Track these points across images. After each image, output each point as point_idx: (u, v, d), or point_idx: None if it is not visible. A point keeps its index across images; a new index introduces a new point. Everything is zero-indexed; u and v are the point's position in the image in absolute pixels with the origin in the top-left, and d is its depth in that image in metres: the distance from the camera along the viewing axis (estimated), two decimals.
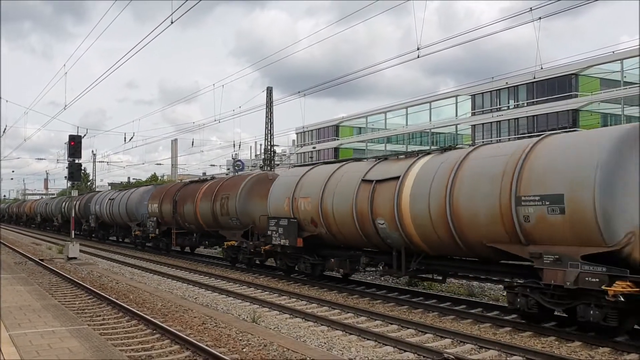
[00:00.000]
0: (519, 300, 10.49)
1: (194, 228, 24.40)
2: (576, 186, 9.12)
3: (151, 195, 28.66)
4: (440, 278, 13.89)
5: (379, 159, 14.75)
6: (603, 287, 8.73)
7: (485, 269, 12.37)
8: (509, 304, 11.01)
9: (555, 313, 10.63)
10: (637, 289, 8.49)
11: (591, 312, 9.19)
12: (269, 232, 17.31)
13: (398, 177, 12.84)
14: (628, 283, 8.57)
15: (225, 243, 21.37)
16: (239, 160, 69.00)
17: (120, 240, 36.33)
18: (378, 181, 13.47)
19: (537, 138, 10.72)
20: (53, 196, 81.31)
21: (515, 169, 10.12)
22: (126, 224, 32.14)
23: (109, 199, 34.60)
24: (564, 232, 9.38)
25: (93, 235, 39.82)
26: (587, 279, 8.98)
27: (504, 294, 13.84)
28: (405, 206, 12.47)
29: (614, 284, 8.63)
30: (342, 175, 15.11)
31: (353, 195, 14.03)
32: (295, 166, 22.58)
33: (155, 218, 27.29)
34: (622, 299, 8.59)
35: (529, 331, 10.48)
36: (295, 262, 17.33)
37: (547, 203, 9.53)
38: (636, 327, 9.64)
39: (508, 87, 55.48)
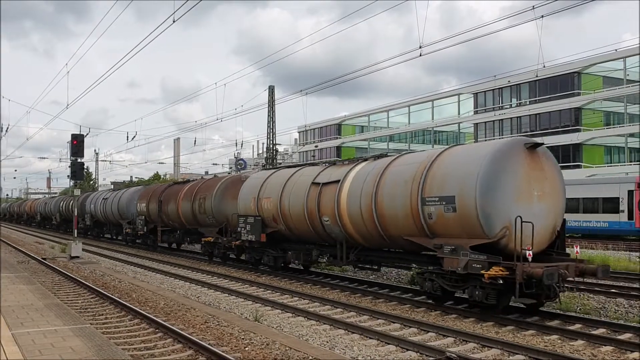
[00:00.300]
0: (426, 284, 12.61)
1: (177, 226, 26.40)
2: (463, 190, 11.22)
3: (140, 195, 30.56)
4: (376, 267, 15.75)
5: (328, 164, 17.02)
6: (482, 271, 10.70)
7: (407, 259, 14.21)
8: (420, 287, 13.27)
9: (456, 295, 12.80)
10: (507, 273, 10.53)
11: (477, 292, 11.24)
12: (239, 229, 19.30)
13: (338, 181, 15.03)
14: (500, 268, 10.62)
15: (203, 239, 23.13)
16: (241, 159, 69.04)
17: (114, 237, 37.48)
18: (324, 184, 15.61)
19: (442, 149, 12.78)
20: (55, 195, 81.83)
21: (422, 174, 12.22)
22: (118, 222, 33.84)
23: (103, 198, 36.57)
24: (457, 227, 11.48)
25: (89, 233, 41.48)
26: (473, 265, 10.95)
27: None
28: (343, 205, 14.61)
29: (491, 269, 10.62)
30: (297, 178, 17.19)
31: (305, 196, 16.14)
32: (262, 169, 25.25)
33: (143, 216, 29.26)
34: (501, 282, 10.62)
35: (531, 330, 10.48)
36: (261, 255, 19.27)
37: (444, 203, 11.58)
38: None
39: (510, 86, 55.40)
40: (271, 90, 43.44)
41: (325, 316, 11.60)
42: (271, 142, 43.54)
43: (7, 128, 40.24)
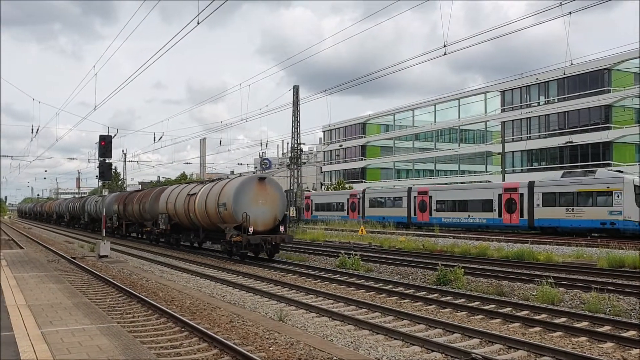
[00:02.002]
0: (222, 247, 23.95)
1: (134, 220, 37.89)
2: (229, 200, 22.46)
3: (115, 199, 41.49)
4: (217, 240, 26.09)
5: (197, 183, 29.35)
6: (233, 238, 21.63)
7: (222, 236, 23.60)
8: (221, 250, 24.41)
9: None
10: (241, 238, 21.51)
11: (234, 249, 22.49)
12: (159, 222, 30.74)
13: (195, 194, 26.31)
14: (239, 237, 21.61)
15: (144, 229, 35.12)
16: (266, 159, 69.26)
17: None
18: (191, 195, 26.79)
19: (228, 180, 24.66)
20: (84, 195, 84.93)
21: (219, 192, 23.60)
22: (99, 218, 43.91)
23: (95, 201, 48.19)
24: (229, 217, 22.56)
25: (88, 228, 52.04)
26: (232, 236, 21.81)
27: (534, 293, 13.85)
28: (197, 207, 25.68)
29: (236, 237, 21.68)
30: (184, 191, 28.53)
31: (184, 201, 27.41)
32: (179, 184, 35.87)
33: (116, 214, 40.27)
34: (248, 243, 21.77)
35: (559, 331, 10.32)
36: (169, 238, 31.02)
37: (224, 206, 22.71)
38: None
39: (538, 83, 54.61)
40: (296, 90, 43.43)
41: (349, 316, 11.57)
42: (296, 141, 43.55)
43: (38, 129, 41.07)
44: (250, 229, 21.30)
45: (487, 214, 38.88)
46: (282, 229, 23.20)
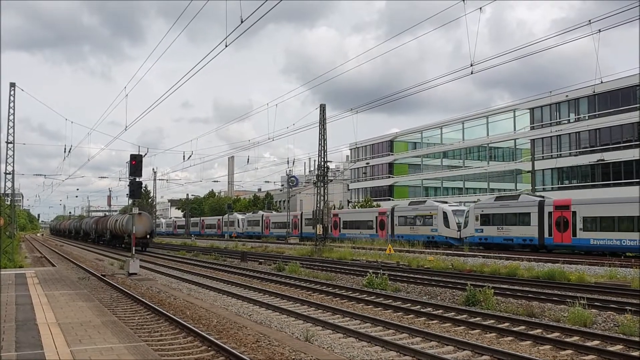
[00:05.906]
0: (124, 245, 49.27)
1: (101, 233, 61.04)
2: (125, 222, 48.73)
3: (93, 220, 66.49)
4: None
5: (121, 214, 60.45)
6: (125, 240, 49.67)
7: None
8: (123, 247, 51.00)
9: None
10: (127, 240, 46.91)
11: (128, 245, 42.14)
12: (107, 234, 56.72)
13: (118, 219, 53.34)
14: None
15: (104, 238, 56.69)
16: (293, 176, 69.58)
17: (91, 240, 69.78)
18: (116, 220, 54.22)
19: (128, 214, 47.91)
20: (113, 212, 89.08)
21: (124, 219, 50.04)
22: (89, 233, 69.83)
23: (85, 222, 76.26)
24: (126, 230, 49.22)
25: (84, 239, 74.93)
26: (125, 239, 50.89)
27: (566, 314, 13.57)
28: (117, 226, 52.81)
29: (128, 239, 49.28)
30: (115, 218, 55.78)
31: (114, 223, 53.31)
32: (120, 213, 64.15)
33: (94, 230, 63.76)
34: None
35: (592, 354, 10.07)
36: (112, 243, 54.47)
37: (124, 225, 50.10)
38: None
39: (568, 100, 53.95)
40: (322, 108, 43.61)
41: (376, 337, 11.44)
42: (322, 159, 43.63)
43: (70, 149, 42.19)
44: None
45: None
46: (149, 236, 48.77)
